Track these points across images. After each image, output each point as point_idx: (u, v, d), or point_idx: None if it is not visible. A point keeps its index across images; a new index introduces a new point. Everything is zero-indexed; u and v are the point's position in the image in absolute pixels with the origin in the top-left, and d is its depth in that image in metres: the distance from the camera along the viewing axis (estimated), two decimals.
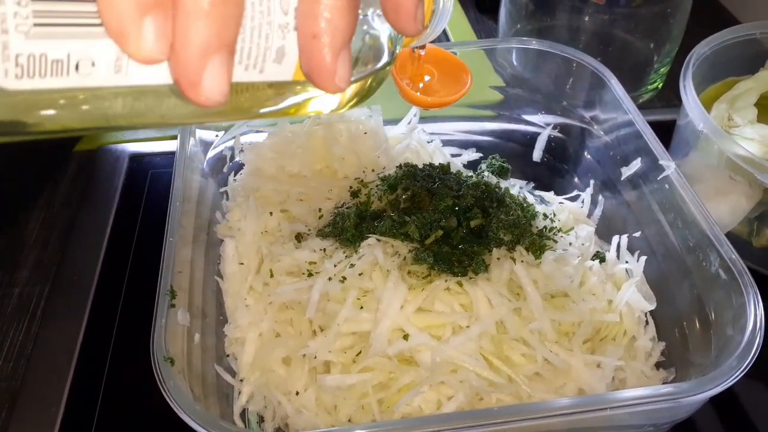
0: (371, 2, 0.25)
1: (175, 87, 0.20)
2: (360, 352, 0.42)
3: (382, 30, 0.27)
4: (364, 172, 0.54)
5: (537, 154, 0.62)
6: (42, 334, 0.51)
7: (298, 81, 0.24)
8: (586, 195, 0.56)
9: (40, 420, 0.45)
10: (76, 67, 0.18)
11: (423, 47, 0.39)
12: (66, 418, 0.45)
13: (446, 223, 0.46)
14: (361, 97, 0.29)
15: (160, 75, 0.20)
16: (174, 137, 0.60)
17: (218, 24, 0.19)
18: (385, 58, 0.28)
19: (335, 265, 0.44)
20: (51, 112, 0.19)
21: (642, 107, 0.61)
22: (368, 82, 0.28)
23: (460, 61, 0.45)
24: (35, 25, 0.17)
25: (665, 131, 0.56)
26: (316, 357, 0.42)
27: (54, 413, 0.46)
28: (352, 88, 0.28)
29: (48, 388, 0.47)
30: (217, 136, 0.56)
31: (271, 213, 0.51)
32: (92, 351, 0.49)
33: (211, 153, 0.55)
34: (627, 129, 0.52)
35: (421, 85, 0.43)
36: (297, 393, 0.42)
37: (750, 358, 0.36)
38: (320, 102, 0.27)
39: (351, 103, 0.29)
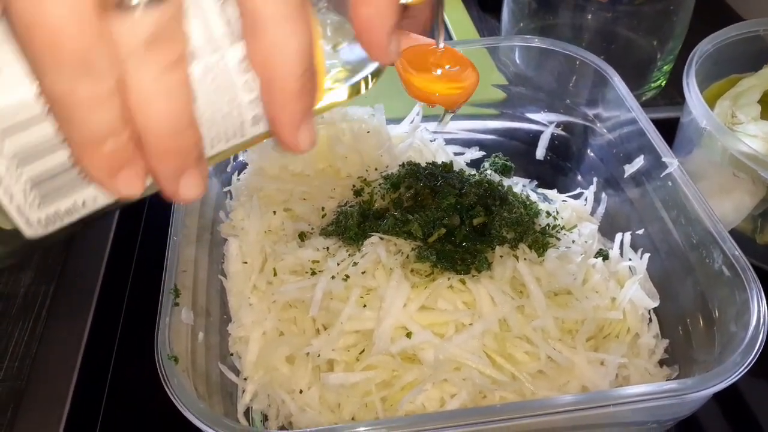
0: (345, 33, 0.26)
1: None
2: (363, 351, 0.42)
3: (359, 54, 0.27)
4: (367, 171, 0.54)
5: (540, 152, 0.62)
6: (47, 333, 0.51)
7: None
8: (589, 193, 0.56)
9: (45, 419, 0.45)
10: (83, 204, 0.23)
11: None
12: (71, 417, 0.46)
13: (449, 221, 0.46)
14: (359, 90, 0.29)
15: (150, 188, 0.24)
16: None
17: (182, 156, 0.22)
18: (370, 68, 0.28)
19: (338, 264, 0.44)
20: (65, 231, 0.24)
21: (645, 105, 0.61)
22: (364, 83, 0.29)
23: (461, 55, 0.44)
24: (41, 201, 0.22)
25: (669, 129, 0.56)
26: (319, 355, 0.42)
27: (59, 412, 0.46)
28: (346, 91, 0.29)
29: (53, 388, 0.47)
30: None
31: (274, 212, 0.51)
32: (97, 350, 0.50)
33: None
34: (630, 127, 0.52)
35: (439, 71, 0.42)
36: (300, 391, 0.42)
37: (753, 354, 0.36)
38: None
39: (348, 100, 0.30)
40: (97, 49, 0.19)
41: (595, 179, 0.57)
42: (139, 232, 0.58)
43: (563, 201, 0.56)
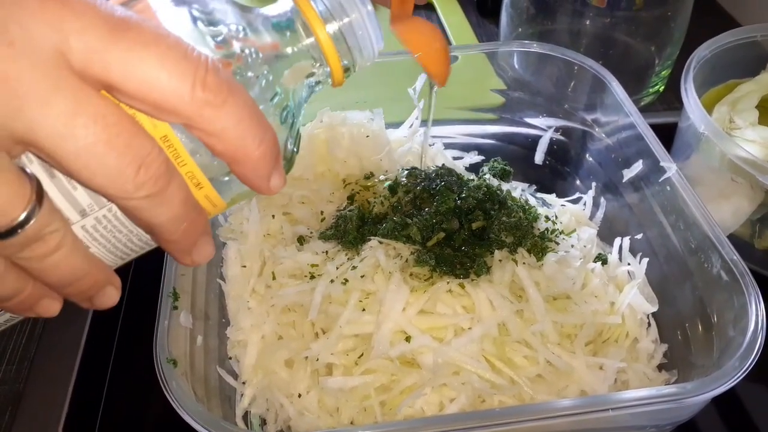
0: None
1: None
2: (362, 354, 0.42)
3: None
4: (366, 178, 0.54)
5: (539, 157, 0.62)
6: (45, 336, 0.51)
7: None
8: (588, 197, 0.57)
9: (44, 422, 0.45)
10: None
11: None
12: (69, 420, 0.45)
13: (448, 225, 0.46)
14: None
15: None
16: None
17: (89, 289, 0.26)
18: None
19: (337, 268, 0.44)
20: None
21: (643, 110, 0.61)
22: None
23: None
24: None
25: (667, 134, 0.56)
26: (318, 359, 0.42)
27: (57, 415, 0.46)
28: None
29: (51, 391, 0.47)
30: None
31: (273, 216, 0.51)
32: (95, 353, 0.49)
33: None
34: (628, 131, 0.52)
35: None
36: (299, 395, 0.42)
37: (751, 359, 0.36)
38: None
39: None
40: None
41: (593, 184, 0.57)
42: None
43: (562, 205, 0.56)
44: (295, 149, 0.30)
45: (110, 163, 0.21)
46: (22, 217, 0.21)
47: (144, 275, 0.54)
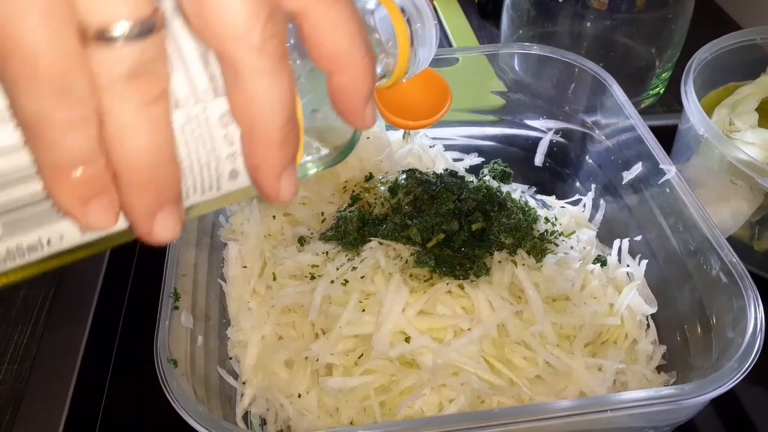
0: (323, 100, 0.26)
1: None
2: (362, 355, 0.42)
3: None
4: (366, 179, 0.54)
5: (539, 159, 0.62)
6: (46, 336, 0.51)
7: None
8: (588, 199, 0.57)
9: (44, 422, 0.45)
10: (48, 242, 0.22)
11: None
12: (70, 421, 0.46)
13: (448, 226, 0.46)
14: (335, 160, 0.30)
15: (120, 224, 0.23)
16: None
17: (158, 193, 0.21)
18: (347, 137, 0.29)
19: (337, 269, 0.44)
20: (26, 273, 0.23)
21: (644, 112, 0.61)
22: (336, 153, 0.29)
23: (437, 75, 0.45)
24: (4, 232, 0.21)
25: (667, 136, 0.56)
26: (318, 360, 0.42)
27: (58, 415, 0.46)
28: (318, 167, 0.29)
29: (52, 391, 0.47)
30: None
31: (274, 216, 0.51)
32: (96, 353, 0.50)
33: None
34: (628, 134, 0.52)
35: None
36: (299, 395, 0.42)
37: (750, 360, 0.36)
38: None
39: (320, 170, 0.30)
40: (75, 75, 0.18)
41: (593, 186, 0.57)
42: None
43: (562, 207, 0.57)
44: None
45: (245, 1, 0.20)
46: (148, 21, 0.19)
47: (145, 276, 0.55)
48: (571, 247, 0.49)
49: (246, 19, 0.20)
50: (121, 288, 0.54)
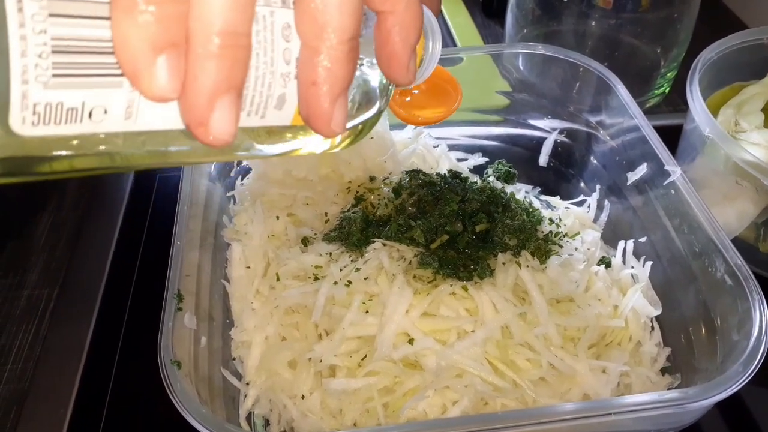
0: (366, 51, 0.26)
1: (184, 129, 0.21)
2: (365, 356, 0.42)
3: (375, 77, 0.27)
4: (371, 179, 0.54)
5: (543, 159, 0.62)
6: (50, 336, 0.51)
7: (297, 125, 0.25)
8: (592, 200, 0.56)
9: (48, 422, 0.46)
10: (90, 115, 0.19)
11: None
12: (74, 420, 0.46)
13: (451, 227, 0.46)
14: (353, 139, 0.29)
15: (168, 119, 0.21)
16: None
17: (227, 67, 0.20)
18: (377, 105, 0.28)
19: (341, 270, 0.44)
20: (63, 153, 0.20)
21: (649, 112, 0.61)
22: (360, 127, 0.29)
23: (447, 72, 0.45)
24: (54, 75, 0.18)
25: (672, 136, 0.56)
26: (321, 361, 0.42)
27: (62, 415, 0.46)
28: (346, 132, 0.28)
29: (56, 390, 0.47)
30: None
31: (277, 217, 0.51)
32: (100, 353, 0.50)
33: None
34: (633, 134, 0.52)
35: (407, 99, 0.43)
36: (303, 397, 0.42)
37: (755, 363, 0.36)
38: (314, 144, 0.28)
39: (343, 145, 0.29)
40: None
41: (598, 186, 0.57)
42: (142, 235, 0.59)
43: (566, 208, 0.56)
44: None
45: None
46: None
47: (149, 276, 0.55)
48: (576, 249, 0.49)
49: None
50: (125, 288, 0.54)
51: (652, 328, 0.46)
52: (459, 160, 0.61)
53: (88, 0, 0.18)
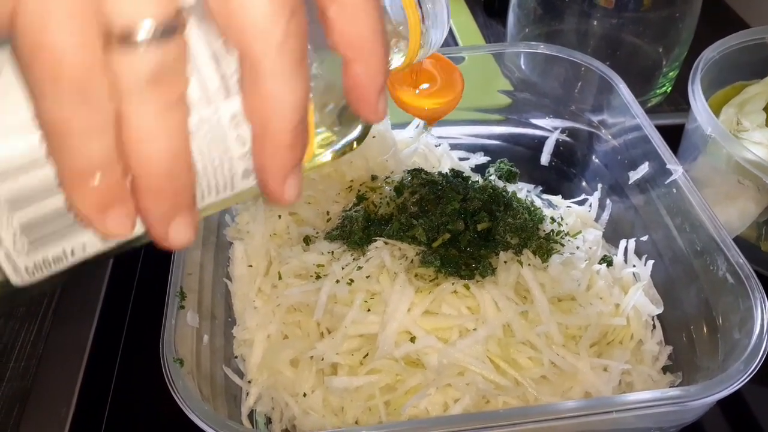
0: (334, 95, 0.27)
1: None
2: (367, 354, 0.42)
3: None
4: (373, 178, 0.54)
5: (545, 158, 0.62)
6: (53, 334, 0.51)
7: None
8: (594, 199, 0.56)
9: (51, 419, 0.46)
10: (72, 253, 0.23)
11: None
12: (76, 418, 0.46)
13: (453, 226, 0.46)
14: (342, 154, 0.30)
15: (137, 231, 0.23)
16: None
17: (172, 196, 0.21)
18: (355, 133, 0.29)
19: (343, 268, 0.45)
20: (50, 282, 0.24)
21: (651, 111, 0.61)
22: (347, 149, 0.30)
23: (449, 62, 0.45)
24: (30, 244, 0.22)
25: (674, 135, 0.56)
26: (323, 359, 0.42)
27: (64, 413, 0.46)
28: (330, 156, 0.30)
29: (59, 388, 0.48)
30: None
31: (279, 216, 0.51)
32: (102, 351, 0.50)
33: None
34: (635, 133, 0.52)
35: (417, 91, 0.43)
36: (304, 394, 0.42)
37: (757, 361, 0.36)
38: None
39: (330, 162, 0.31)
40: (98, 79, 0.19)
41: (599, 185, 0.57)
42: None
43: (568, 207, 0.56)
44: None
45: None
46: (172, 22, 0.19)
47: (151, 274, 0.55)
48: (577, 247, 0.49)
49: (270, 14, 0.20)
50: (127, 286, 0.54)
51: (654, 326, 0.46)
52: (461, 159, 0.61)
53: (39, 187, 0.21)
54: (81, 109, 0.19)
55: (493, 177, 0.57)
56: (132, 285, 0.54)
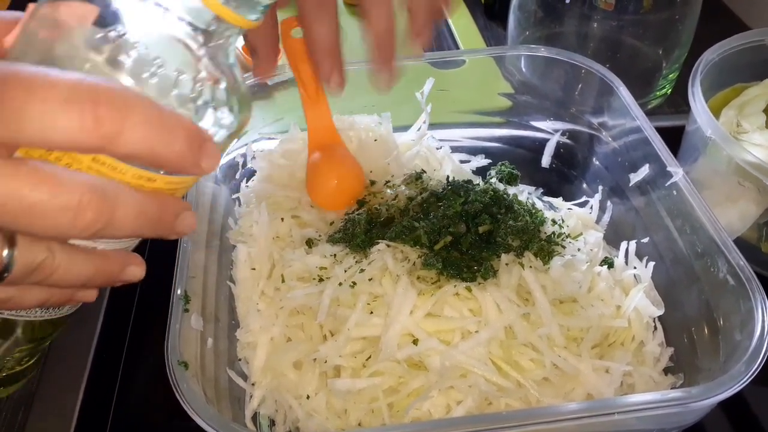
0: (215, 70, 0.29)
1: None
2: (370, 357, 0.42)
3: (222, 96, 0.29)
4: (372, 184, 0.54)
5: (546, 160, 0.62)
6: (57, 338, 0.51)
7: None
8: (595, 201, 0.57)
9: (56, 422, 0.46)
10: None
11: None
12: (81, 421, 0.46)
13: (455, 228, 0.46)
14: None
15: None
16: None
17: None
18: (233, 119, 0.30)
19: (345, 271, 0.45)
20: None
21: (651, 113, 0.61)
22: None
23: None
24: None
25: (674, 137, 0.56)
26: (326, 361, 0.42)
27: (69, 415, 0.46)
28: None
29: (63, 391, 0.48)
30: None
31: (282, 219, 0.51)
32: (106, 355, 0.50)
33: (223, 160, 0.56)
34: (635, 135, 0.53)
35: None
36: (308, 397, 0.42)
37: (758, 363, 0.36)
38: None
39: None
40: None
41: (600, 187, 0.57)
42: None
43: (569, 209, 0.57)
44: (236, 116, 0.30)
45: (49, 221, 0.23)
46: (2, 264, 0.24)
47: (154, 277, 0.55)
48: (578, 249, 0.49)
49: (64, 233, 0.24)
50: (131, 289, 0.55)
51: (655, 328, 0.47)
52: (462, 161, 0.61)
53: None
54: None
55: (494, 179, 0.57)
56: (135, 288, 0.55)
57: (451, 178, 0.52)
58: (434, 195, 0.49)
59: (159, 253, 0.57)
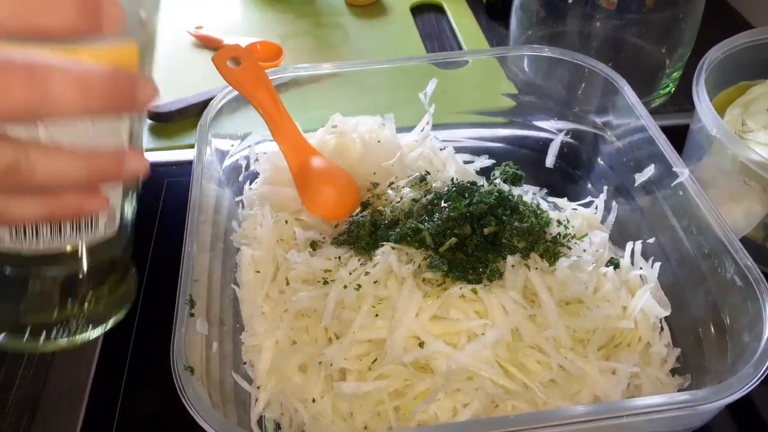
0: None
1: None
2: (376, 360, 0.42)
3: None
4: (374, 185, 0.54)
5: (550, 161, 0.62)
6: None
7: None
8: (600, 201, 0.56)
9: (60, 426, 0.46)
10: None
11: None
12: (86, 425, 0.46)
13: (460, 230, 0.46)
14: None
15: None
16: (190, 146, 0.61)
17: None
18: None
19: (350, 273, 0.45)
20: None
21: (655, 112, 0.61)
22: None
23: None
24: None
25: (678, 136, 0.56)
26: (332, 364, 0.42)
27: (74, 420, 0.46)
28: None
29: (68, 395, 0.48)
30: (232, 145, 0.57)
31: (286, 221, 0.51)
32: (111, 359, 0.50)
33: (226, 162, 0.56)
34: (640, 135, 0.52)
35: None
36: (313, 400, 0.42)
37: (767, 365, 0.36)
38: None
39: None
40: None
41: (605, 187, 0.57)
42: (151, 240, 0.59)
43: (574, 209, 0.56)
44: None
45: None
46: None
47: (158, 281, 0.55)
48: (584, 250, 0.49)
49: None
50: (135, 293, 0.54)
51: (662, 329, 0.46)
52: (465, 162, 0.61)
53: None
54: None
55: (498, 180, 0.57)
56: (139, 291, 0.54)
57: (455, 180, 0.52)
58: (439, 196, 0.49)
59: (161, 256, 0.57)
